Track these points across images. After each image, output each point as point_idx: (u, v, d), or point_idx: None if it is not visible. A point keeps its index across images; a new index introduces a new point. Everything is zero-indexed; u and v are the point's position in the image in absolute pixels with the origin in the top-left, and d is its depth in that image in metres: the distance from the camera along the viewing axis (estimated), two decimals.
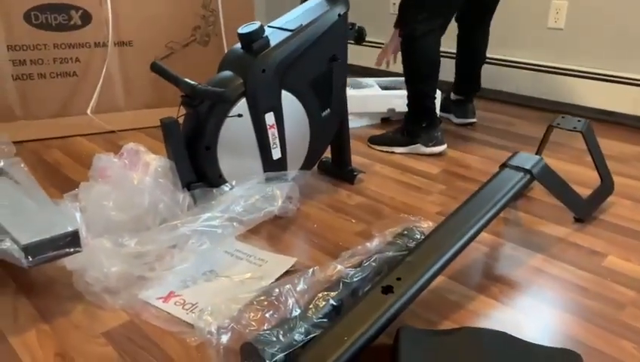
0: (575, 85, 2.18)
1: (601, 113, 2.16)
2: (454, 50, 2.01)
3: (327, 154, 1.61)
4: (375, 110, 2.12)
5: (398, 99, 2.00)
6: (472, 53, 2.01)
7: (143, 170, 1.12)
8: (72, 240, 0.96)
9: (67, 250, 0.96)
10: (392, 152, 1.82)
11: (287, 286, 0.92)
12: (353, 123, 1.75)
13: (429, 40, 1.67)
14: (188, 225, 1.08)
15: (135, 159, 1.14)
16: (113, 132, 2.00)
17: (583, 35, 2.15)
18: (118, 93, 2.07)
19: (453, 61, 2.04)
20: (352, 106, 1.58)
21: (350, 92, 1.89)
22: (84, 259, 1.01)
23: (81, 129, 1.99)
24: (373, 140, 1.87)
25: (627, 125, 2.10)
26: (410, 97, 1.77)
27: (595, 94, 2.14)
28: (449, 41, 1.86)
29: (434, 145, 1.78)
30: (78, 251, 0.97)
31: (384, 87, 2.19)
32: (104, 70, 2.00)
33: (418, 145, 1.79)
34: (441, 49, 1.71)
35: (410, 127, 1.80)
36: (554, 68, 2.24)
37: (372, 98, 2.12)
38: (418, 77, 1.73)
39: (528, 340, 0.85)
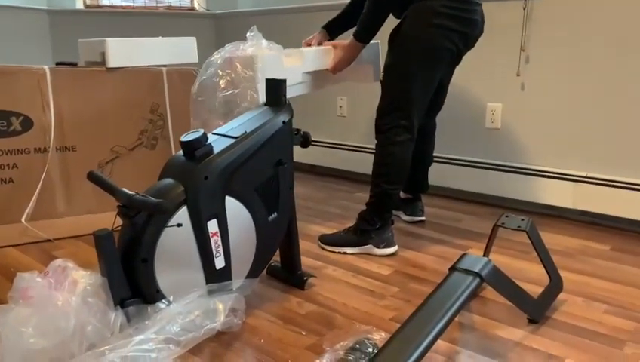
0: (515, 181, 2.27)
1: (544, 208, 2.23)
2: None
3: (277, 257, 1.55)
4: None
5: None
6: (421, 154, 2.06)
7: (70, 289, 1.03)
8: None
9: None
10: (344, 253, 1.78)
11: None
12: None
13: (407, 142, 1.71)
14: (117, 350, 0.97)
15: (62, 277, 1.05)
16: (50, 241, 1.89)
17: (519, 134, 2.27)
18: (58, 199, 1.97)
19: None
20: None
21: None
22: None
23: (14, 239, 1.86)
24: (325, 240, 1.84)
25: (568, 218, 2.17)
26: (375, 197, 1.76)
27: (535, 189, 2.22)
28: None
29: (385, 247, 1.76)
30: None
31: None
32: (43, 176, 1.92)
33: (370, 245, 1.77)
34: None
35: (364, 227, 1.78)
36: (494, 165, 2.33)
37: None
38: (389, 178, 1.73)
39: None
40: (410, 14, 1.66)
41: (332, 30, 1.97)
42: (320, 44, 1.93)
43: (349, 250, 1.78)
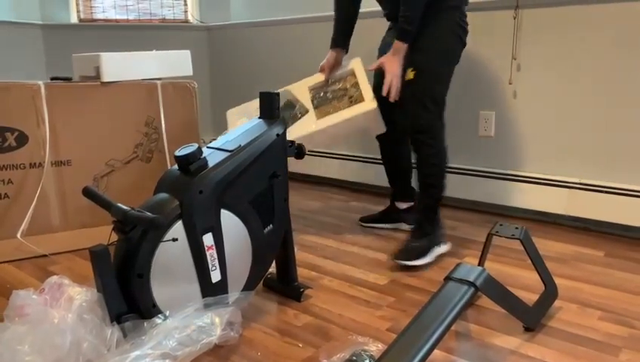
0: (509, 188, 2.29)
1: (537, 214, 2.24)
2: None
3: (273, 268, 1.56)
4: None
5: None
6: (409, 161, 2.10)
7: (66, 305, 1.03)
8: None
9: None
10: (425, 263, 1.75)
11: None
12: None
13: (443, 139, 1.82)
14: None
15: (58, 294, 1.05)
16: (45, 256, 1.89)
17: (512, 142, 2.29)
18: (53, 213, 1.97)
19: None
20: None
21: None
22: None
23: (9, 255, 1.85)
24: (408, 255, 1.73)
25: (562, 225, 2.18)
26: (433, 198, 1.81)
27: (529, 196, 2.24)
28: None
29: (445, 243, 1.84)
30: None
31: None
32: (38, 191, 1.92)
33: (440, 246, 1.82)
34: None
35: (428, 231, 1.80)
36: (488, 172, 2.35)
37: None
38: (443, 176, 1.81)
39: None
40: (433, 21, 1.73)
41: (342, 43, 2.02)
42: (335, 63, 2.02)
43: (427, 259, 1.76)
